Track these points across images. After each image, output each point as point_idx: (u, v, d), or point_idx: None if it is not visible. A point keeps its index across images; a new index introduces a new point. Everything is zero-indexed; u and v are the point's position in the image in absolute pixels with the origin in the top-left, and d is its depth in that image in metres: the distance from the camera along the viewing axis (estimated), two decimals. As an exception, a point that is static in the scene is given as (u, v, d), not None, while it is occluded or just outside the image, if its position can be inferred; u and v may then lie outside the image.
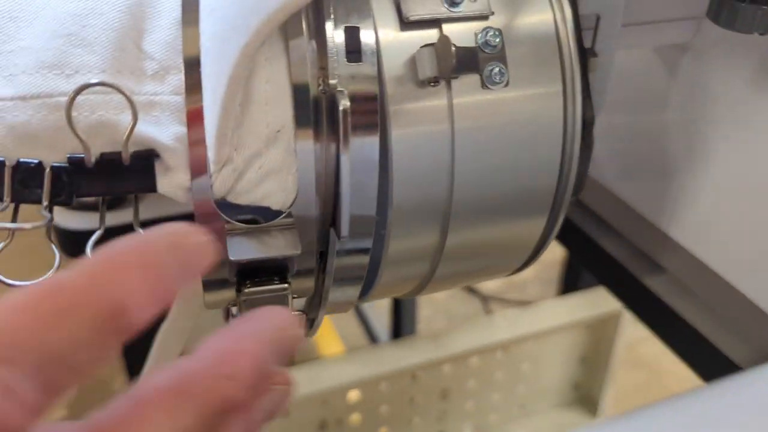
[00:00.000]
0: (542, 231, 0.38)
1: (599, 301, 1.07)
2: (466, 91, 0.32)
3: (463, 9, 0.32)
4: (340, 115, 0.28)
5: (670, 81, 0.47)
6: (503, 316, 1.07)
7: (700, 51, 0.45)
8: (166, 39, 0.29)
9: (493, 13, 0.32)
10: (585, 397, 1.18)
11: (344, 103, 0.28)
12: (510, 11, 0.33)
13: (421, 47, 0.31)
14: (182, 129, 0.28)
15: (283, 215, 0.30)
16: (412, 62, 0.31)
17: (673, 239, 0.51)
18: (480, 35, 0.32)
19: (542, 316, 1.06)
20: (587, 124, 0.35)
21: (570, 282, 1.28)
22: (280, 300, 0.32)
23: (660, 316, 0.56)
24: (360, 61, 0.30)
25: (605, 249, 0.61)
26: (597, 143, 0.43)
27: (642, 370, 1.47)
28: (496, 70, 0.32)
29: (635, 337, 1.11)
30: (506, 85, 0.32)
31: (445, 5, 0.32)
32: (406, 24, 0.31)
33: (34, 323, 0.17)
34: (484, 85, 0.32)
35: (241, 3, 0.26)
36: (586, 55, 0.36)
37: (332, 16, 0.29)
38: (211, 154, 0.28)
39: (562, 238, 0.65)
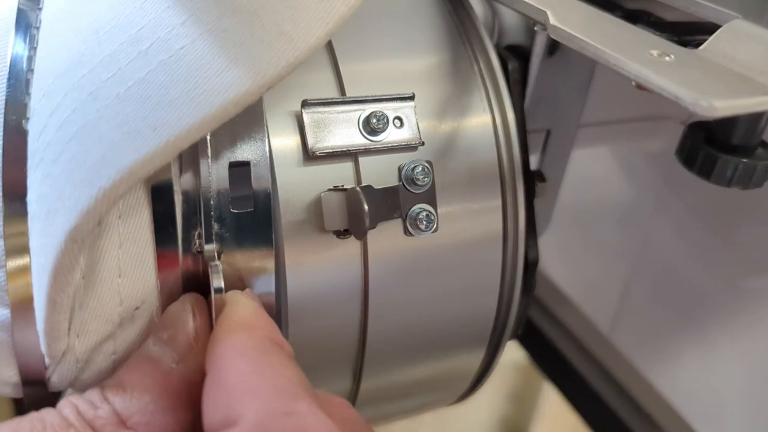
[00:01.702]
0: (479, 366, 0.32)
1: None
2: (385, 239, 0.26)
3: (384, 137, 0.26)
4: (213, 297, 0.22)
5: (628, 186, 0.42)
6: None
7: (660, 154, 0.40)
8: None
9: (422, 143, 0.26)
10: None
11: (218, 283, 0.22)
12: (444, 137, 0.27)
13: (328, 191, 0.24)
14: (5, 312, 0.21)
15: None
16: (317, 205, 0.25)
17: (613, 345, 0.46)
18: (405, 170, 0.26)
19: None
20: (531, 264, 0.30)
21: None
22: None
23: (592, 407, 0.51)
24: (250, 208, 0.23)
25: (546, 335, 0.56)
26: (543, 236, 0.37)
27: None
28: (423, 214, 0.26)
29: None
30: (435, 230, 0.26)
31: (364, 133, 0.25)
32: (311, 158, 0.25)
33: None
34: (407, 231, 0.26)
35: (73, 159, 0.19)
36: (533, 180, 0.30)
37: (209, 151, 0.22)
38: (43, 346, 0.21)
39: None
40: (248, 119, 0.23)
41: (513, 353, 1.03)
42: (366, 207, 0.23)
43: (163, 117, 0.19)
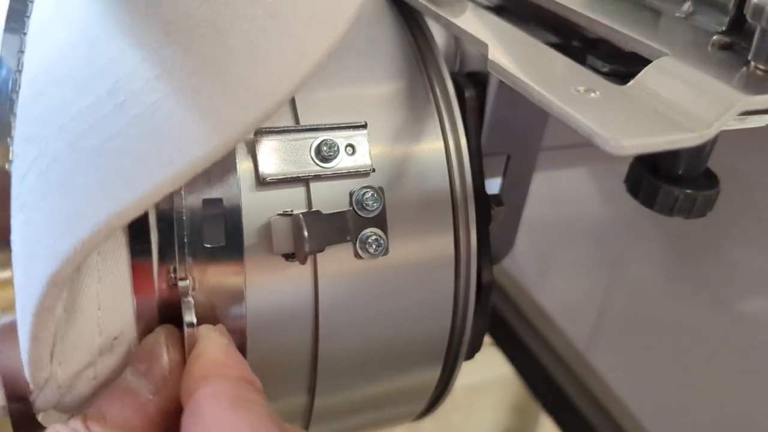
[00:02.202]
0: (436, 385, 0.33)
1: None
2: (337, 261, 0.27)
3: (335, 164, 0.27)
4: (185, 332, 0.23)
5: (606, 207, 0.42)
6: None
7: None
8: None
9: (373, 170, 0.27)
10: (515, 445, 1.15)
11: (189, 318, 0.23)
12: (397, 163, 0.28)
13: (277, 216, 0.25)
14: None
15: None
16: (269, 229, 0.26)
17: (588, 361, 0.46)
18: (355, 195, 0.27)
19: (474, 366, 1.02)
20: (484, 288, 0.30)
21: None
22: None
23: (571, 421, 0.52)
24: (222, 242, 0.24)
25: (525, 342, 0.56)
26: (521, 245, 0.38)
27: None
28: (373, 238, 0.27)
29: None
30: (385, 253, 0.27)
31: (315, 161, 0.26)
32: (263, 184, 0.26)
33: None
34: (357, 254, 0.27)
35: (53, 208, 0.20)
36: (488, 205, 0.31)
37: (183, 190, 0.24)
38: (27, 375, 0.22)
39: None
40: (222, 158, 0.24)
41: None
42: (306, 232, 0.24)
43: (137, 172, 0.20)
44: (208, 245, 0.24)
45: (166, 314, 0.24)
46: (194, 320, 0.23)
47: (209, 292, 0.25)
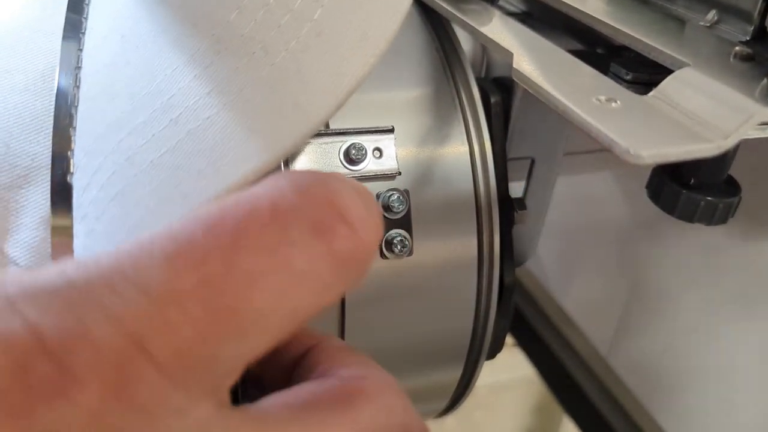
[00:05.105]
0: (457, 385, 0.34)
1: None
2: (362, 261, 0.28)
3: (363, 167, 0.27)
4: None
5: (629, 210, 0.43)
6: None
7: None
8: (31, 242, 0.24)
9: (399, 173, 0.28)
10: (537, 445, 1.15)
11: None
12: (423, 167, 0.29)
13: (306, 217, 0.26)
14: None
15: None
16: (298, 229, 0.27)
17: (610, 364, 0.47)
18: (382, 198, 0.28)
19: (498, 366, 1.02)
20: (506, 289, 0.31)
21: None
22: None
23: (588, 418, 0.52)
24: None
25: (546, 342, 0.57)
26: (544, 247, 0.39)
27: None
28: (398, 238, 0.28)
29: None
30: (410, 254, 0.28)
31: (344, 163, 0.27)
32: (293, 185, 0.27)
33: None
34: (382, 254, 0.28)
35: (114, 220, 0.21)
36: (512, 208, 0.31)
37: None
38: None
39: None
40: None
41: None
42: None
43: (193, 185, 0.21)
44: None
45: None
46: None
47: None
